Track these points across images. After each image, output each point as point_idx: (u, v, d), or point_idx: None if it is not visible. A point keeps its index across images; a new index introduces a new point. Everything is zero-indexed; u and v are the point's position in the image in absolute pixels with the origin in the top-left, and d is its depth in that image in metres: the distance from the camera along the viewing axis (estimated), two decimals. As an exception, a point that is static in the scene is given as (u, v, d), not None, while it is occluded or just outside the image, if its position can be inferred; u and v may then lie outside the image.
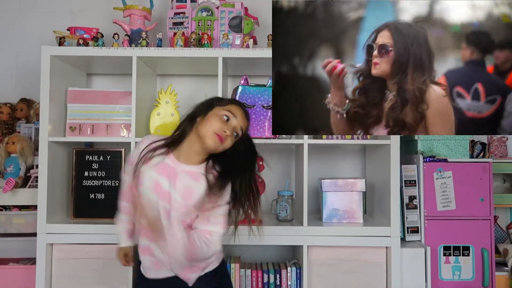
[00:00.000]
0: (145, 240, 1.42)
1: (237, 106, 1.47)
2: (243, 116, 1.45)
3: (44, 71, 1.91)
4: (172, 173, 1.39)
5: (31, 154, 2.14)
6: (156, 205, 1.35)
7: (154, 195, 1.36)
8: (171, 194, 1.36)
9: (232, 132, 1.40)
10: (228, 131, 1.38)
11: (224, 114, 1.41)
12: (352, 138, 1.99)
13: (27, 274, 1.97)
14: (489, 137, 2.37)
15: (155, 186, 1.37)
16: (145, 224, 1.38)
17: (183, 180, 1.38)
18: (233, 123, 1.41)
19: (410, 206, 2.04)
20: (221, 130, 1.38)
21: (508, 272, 2.08)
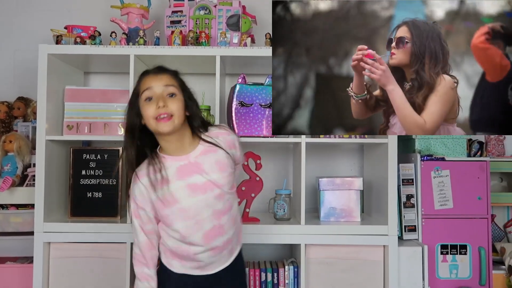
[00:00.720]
0: (223, 237, 1.36)
1: (144, 78, 1.32)
2: (158, 76, 1.31)
3: (42, 69, 1.90)
4: (192, 166, 1.32)
5: (28, 153, 2.13)
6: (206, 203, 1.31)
7: (196, 197, 1.31)
8: (210, 180, 1.32)
9: (164, 100, 1.27)
10: (160, 107, 1.26)
11: (144, 98, 1.29)
12: (350, 136, 1.99)
13: (24, 273, 1.96)
14: (487, 136, 2.37)
15: (191, 189, 1.30)
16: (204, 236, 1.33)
17: (205, 162, 1.33)
18: (155, 95, 1.28)
19: (408, 204, 2.05)
20: (154, 113, 1.27)
21: (505, 270, 2.08)
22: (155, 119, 1.27)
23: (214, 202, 1.33)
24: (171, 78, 1.33)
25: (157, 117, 1.27)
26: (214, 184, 1.32)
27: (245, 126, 1.93)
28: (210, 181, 1.32)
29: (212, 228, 1.33)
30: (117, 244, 1.90)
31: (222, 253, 1.38)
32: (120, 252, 1.90)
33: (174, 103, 1.29)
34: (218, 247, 1.35)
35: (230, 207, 1.38)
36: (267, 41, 2.02)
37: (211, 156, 1.34)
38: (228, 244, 1.38)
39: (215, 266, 1.39)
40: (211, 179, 1.32)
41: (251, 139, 1.92)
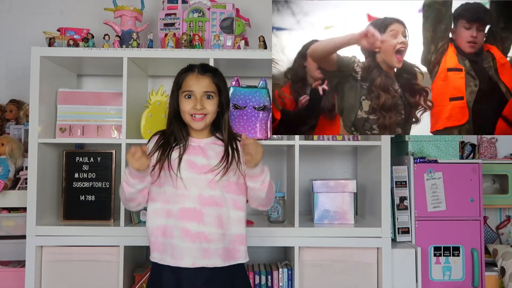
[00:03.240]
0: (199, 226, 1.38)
1: (188, 76, 1.47)
2: (200, 80, 1.45)
3: (34, 72, 1.89)
4: (199, 149, 1.46)
5: (20, 156, 2.12)
6: (195, 183, 1.40)
7: (190, 173, 1.41)
8: (209, 164, 1.42)
9: (202, 102, 1.43)
10: (197, 107, 1.42)
11: (184, 95, 1.45)
12: (343, 139, 2.00)
13: (16, 277, 1.95)
14: (479, 138, 2.39)
15: (189, 165, 1.41)
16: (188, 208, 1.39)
17: (211, 149, 1.46)
18: (196, 94, 1.44)
19: (401, 207, 2.05)
20: (191, 111, 1.43)
21: (498, 272, 2.09)
22: (190, 115, 1.44)
23: (203, 186, 1.40)
24: (211, 81, 1.47)
25: (192, 115, 1.43)
26: (210, 170, 1.41)
27: (239, 128, 1.93)
28: (208, 165, 1.42)
29: (191, 209, 1.39)
30: (110, 248, 1.89)
31: (194, 243, 1.37)
32: (113, 255, 1.89)
33: (210, 104, 1.45)
34: (190, 232, 1.37)
35: (219, 203, 1.41)
36: (260, 44, 2.02)
37: (217, 147, 1.47)
38: (202, 238, 1.37)
39: (186, 257, 1.37)
40: (209, 163, 1.42)
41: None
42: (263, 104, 1.95)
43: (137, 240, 1.89)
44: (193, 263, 1.37)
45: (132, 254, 2.02)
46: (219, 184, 1.41)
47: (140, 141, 1.96)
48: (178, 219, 1.39)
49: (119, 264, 1.88)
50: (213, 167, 1.41)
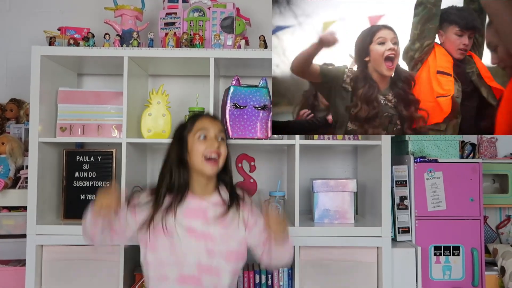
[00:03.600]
0: None
1: (201, 118, 1.45)
2: (214, 122, 1.45)
3: (34, 71, 1.89)
4: (200, 211, 1.40)
5: (21, 155, 2.12)
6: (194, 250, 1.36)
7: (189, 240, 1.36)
8: (208, 231, 1.37)
9: (218, 145, 1.40)
10: (213, 148, 1.38)
11: (198, 136, 1.40)
12: (343, 138, 2.00)
13: (16, 276, 1.95)
14: (479, 137, 2.39)
15: (189, 231, 1.36)
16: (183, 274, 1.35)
17: (212, 211, 1.40)
18: (211, 134, 1.41)
19: (401, 206, 2.05)
20: (206, 152, 1.38)
21: (498, 271, 2.09)
22: (203, 157, 1.37)
23: (202, 254, 1.36)
24: (222, 127, 1.46)
25: (206, 157, 1.37)
26: (209, 237, 1.37)
27: (239, 128, 1.93)
28: (207, 232, 1.37)
29: (189, 276, 1.36)
30: (111, 247, 1.88)
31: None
32: (113, 254, 1.89)
33: (223, 147, 1.42)
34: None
35: (216, 273, 1.37)
36: (261, 43, 2.02)
37: (219, 208, 1.41)
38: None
39: None
40: (209, 231, 1.38)
41: (245, 141, 1.92)
42: (263, 103, 1.95)
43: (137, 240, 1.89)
44: None
45: (132, 254, 2.02)
46: (217, 253, 1.37)
47: (141, 140, 1.96)
48: (176, 282, 1.35)
49: (120, 263, 1.88)
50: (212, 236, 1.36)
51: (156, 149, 2.32)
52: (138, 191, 1.45)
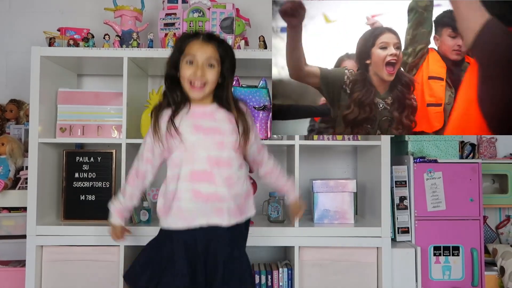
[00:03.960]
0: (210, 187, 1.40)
1: (193, 41, 1.44)
2: (203, 47, 1.42)
3: (34, 71, 1.89)
4: (205, 113, 1.45)
5: (21, 156, 2.12)
6: (202, 145, 1.40)
7: (196, 135, 1.41)
8: (217, 126, 1.43)
9: (203, 70, 1.40)
10: (198, 74, 1.40)
11: (186, 60, 1.42)
12: (343, 139, 2.00)
13: (16, 277, 1.95)
14: (479, 138, 2.39)
15: (195, 128, 1.41)
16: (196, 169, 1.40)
17: (218, 113, 1.46)
18: (196, 62, 1.41)
19: (401, 206, 2.06)
20: (191, 77, 1.41)
21: (498, 271, 2.10)
22: (189, 83, 1.41)
23: (212, 147, 1.41)
24: (215, 50, 1.43)
25: (191, 82, 1.41)
26: (218, 131, 1.43)
27: (239, 128, 1.93)
28: (216, 127, 1.43)
29: (201, 170, 1.39)
30: (110, 247, 1.89)
31: (207, 204, 1.38)
32: (113, 255, 1.89)
33: (210, 73, 1.42)
34: (201, 193, 1.38)
35: (227, 163, 1.42)
36: (260, 44, 2.02)
37: (224, 112, 1.46)
38: (214, 198, 1.39)
39: (200, 216, 1.39)
40: (218, 126, 1.43)
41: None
42: (263, 104, 1.95)
43: (137, 240, 1.89)
44: (206, 222, 1.39)
45: (132, 254, 2.01)
46: (227, 145, 1.42)
47: (140, 141, 1.95)
48: (189, 181, 1.39)
49: (119, 264, 1.88)
50: (221, 130, 1.42)
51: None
52: None
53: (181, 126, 1.42)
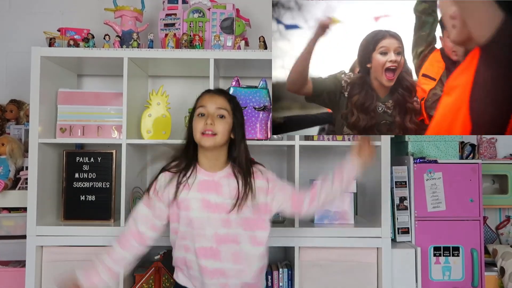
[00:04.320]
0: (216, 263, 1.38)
1: (204, 95, 1.46)
2: (214, 97, 1.43)
3: (34, 72, 1.89)
4: (213, 184, 1.40)
5: (21, 156, 2.12)
6: (210, 223, 1.37)
7: (205, 213, 1.37)
8: (224, 202, 1.38)
9: (213, 119, 1.39)
10: (207, 124, 1.38)
11: (197, 113, 1.42)
12: (343, 139, 2.00)
13: (16, 277, 1.95)
14: (479, 138, 2.39)
15: (203, 205, 1.38)
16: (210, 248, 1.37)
17: (226, 184, 1.41)
18: (208, 112, 1.40)
19: (401, 207, 2.06)
20: (202, 128, 1.39)
21: (498, 272, 2.10)
22: (201, 134, 1.39)
23: (218, 225, 1.38)
24: (225, 101, 1.43)
25: (203, 132, 1.38)
26: (224, 208, 1.38)
27: (239, 129, 1.92)
28: (221, 204, 1.38)
29: (208, 248, 1.37)
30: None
31: (212, 280, 1.37)
32: (113, 255, 1.89)
33: (221, 124, 1.40)
34: (207, 269, 1.37)
35: (234, 240, 1.39)
36: (260, 44, 2.02)
37: (233, 181, 1.41)
38: (219, 274, 1.37)
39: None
40: (224, 202, 1.39)
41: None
42: (263, 104, 1.95)
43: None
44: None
45: (132, 254, 2.02)
46: (234, 222, 1.39)
47: (140, 141, 1.97)
48: (196, 256, 1.38)
49: (119, 264, 1.88)
50: (227, 207, 1.38)
51: (156, 150, 2.32)
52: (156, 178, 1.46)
53: (190, 199, 1.39)
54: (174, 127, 2.03)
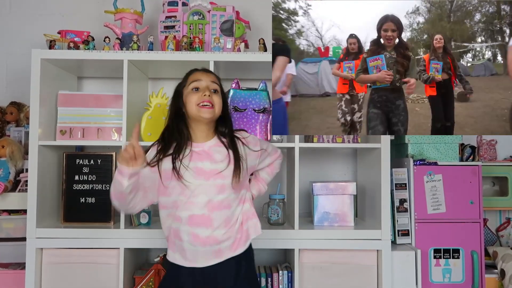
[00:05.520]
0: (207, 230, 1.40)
1: (194, 72, 1.51)
2: (206, 73, 1.50)
3: (35, 74, 1.90)
4: (204, 153, 1.44)
5: (21, 158, 2.12)
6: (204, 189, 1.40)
7: (199, 180, 1.40)
8: (217, 169, 1.42)
9: (210, 92, 1.45)
10: (206, 95, 1.43)
11: (192, 88, 1.46)
12: (343, 141, 2.00)
13: (16, 279, 1.95)
14: (479, 140, 2.39)
15: (196, 172, 1.41)
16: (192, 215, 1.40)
17: (217, 152, 1.45)
18: (203, 85, 1.46)
19: (401, 209, 2.05)
20: (200, 99, 1.43)
21: (498, 274, 2.09)
22: (197, 106, 1.43)
23: (213, 191, 1.41)
24: (215, 78, 1.52)
25: (200, 104, 1.43)
26: (219, 174, 1.42)
27: (239, 131, 1.93)
28: (216, 170, 1.42)
29: (200, 215, 1.39)
30: (110, 250, 1.89)
31: (205, 247, 1.40)
32: (113, 258, 1.89)
33: (217, 97, 1.47)
34: (199, 237, 1.39)
35: (227, 206, 1.42)
36: (260, 47, 2.03)
37: (223, 149, 1.47)
38: (211, 241, 1.40)
39: (200, 259, 1.41)
40: (218, 168, 1.42)
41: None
42: (263, 106, 1.95)
43: (137, 243, 1.90)
44: (206, 263, 1.42)
45: (132, 257, 2.02)
46: (228, 187, 1.42)
47: (140, 143, 1.96)
48: (188, 225, 1.40)
49: (119, 266, 1.88)
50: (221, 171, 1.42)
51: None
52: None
53: (183, 167, 1.41)
54: (174, 129, 2.03)
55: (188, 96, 1.46)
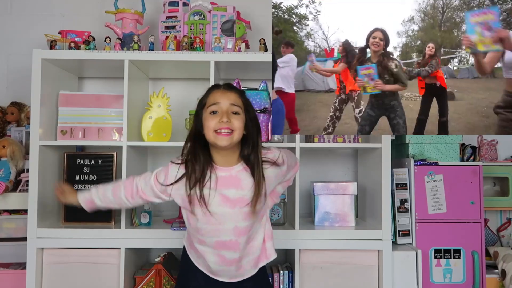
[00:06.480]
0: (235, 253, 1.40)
1: (215, 91, 1.39)
2: (226, 93, 1.37)
3: (35, 74, 1.90)
4: (231, 179, 1.37)
5: (21, 158, 2.12)
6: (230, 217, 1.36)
7: (225, 208, 1.36)
8: (244, 196, 1.36)
9: (228, 116, 1.33)
10: (223, 122, 1.32)
11: (209, 111, 1.35)
12: (344, 141, 2.00)
13: (17, 279, 1.95)
14: (479, 140, 2.39)
15: (223, 199, 1.36)
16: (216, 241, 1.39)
17: (245, 178, 1.37)
18: (222, 109, 1.34)
19: (402, 209, 2.05)
20: (217, 126, 1.32)
21: (498, 274, 2.09)
22: (214, 132, 1.33)
23: (240, 218, 1.37)
24: (238, 97, 1.38)
25: (217, 131, 1.32)
26: (246, 202, 1.36)
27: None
28: (243, 198, 1.36)
29: (227, 241, 1.38)
30: (111, 250, 1.89)
31: (230, 267, 1.41)
32: (113, 258, 1.89)
33: (237, 120, 1.34)
34: (226, 259, 1.39)
35: (251, 229, 1.41)
36: (261, 46, 2.03)
37: (249, 175, 1.38)
38: (236, 263, 1.41)
39: (223, 276, 1.44)
40: (244, 195, 1.36)
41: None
42: (263, 106, 1.95)
43: (138, 243, 1.90)
44: (229, 280, 1.44)
45: (133, 257, 2.02)
46: (251, 214, 1.37)
47: (141, 144, 1.97)
48: (215, 248, 1.39)
49: (120, 266, 1.88)
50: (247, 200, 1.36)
51: (157, 152, 2.32)
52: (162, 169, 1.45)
53: (208, 195, 1.35)
54: (174, 129, 2.04)
55: (206, 120, 1.35)
